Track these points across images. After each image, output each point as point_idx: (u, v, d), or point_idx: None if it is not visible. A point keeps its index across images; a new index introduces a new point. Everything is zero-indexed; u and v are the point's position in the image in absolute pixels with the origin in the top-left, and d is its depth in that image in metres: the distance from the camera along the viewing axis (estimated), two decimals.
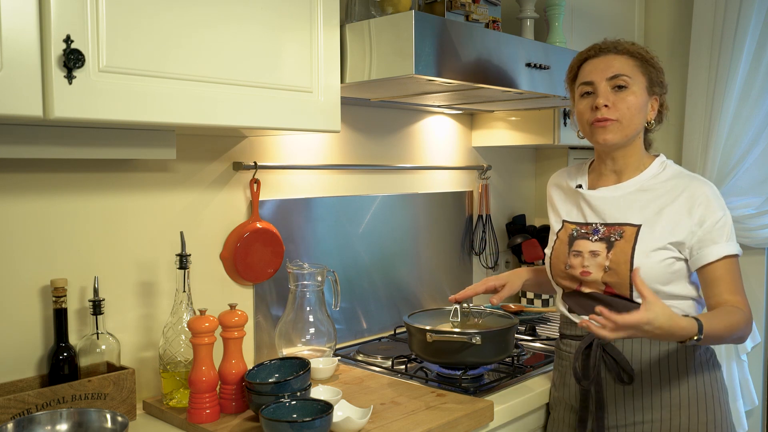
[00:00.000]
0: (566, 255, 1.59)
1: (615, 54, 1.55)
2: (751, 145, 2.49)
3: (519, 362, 1.81)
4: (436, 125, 2.39)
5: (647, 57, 1.56)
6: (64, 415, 1.26)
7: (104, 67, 1.15)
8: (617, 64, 1.53)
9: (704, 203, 1.48)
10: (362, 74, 1.60)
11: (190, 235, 1.66)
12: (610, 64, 1.53)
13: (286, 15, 1.44)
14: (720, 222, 1.47)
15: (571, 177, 1.69)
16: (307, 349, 1.78)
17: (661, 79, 1.57)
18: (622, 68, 1.52)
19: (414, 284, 2.30)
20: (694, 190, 1.50)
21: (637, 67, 1.53)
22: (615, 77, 1.51)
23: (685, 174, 1.56)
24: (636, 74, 1.53)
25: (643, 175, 1.56)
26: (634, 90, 1.52)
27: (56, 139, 1.28)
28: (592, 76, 1.54)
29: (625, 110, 1.51)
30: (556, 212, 1.69)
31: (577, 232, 1.60)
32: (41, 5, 1.08)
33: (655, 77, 1.55)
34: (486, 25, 1.86)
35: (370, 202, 2.14)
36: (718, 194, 1.52)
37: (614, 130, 1.51)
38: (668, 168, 1.58)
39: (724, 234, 1.47)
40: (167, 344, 1.49)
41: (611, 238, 1.53)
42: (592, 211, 1.59)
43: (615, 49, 1.55)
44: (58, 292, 1.41)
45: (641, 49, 1.56)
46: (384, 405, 1.51)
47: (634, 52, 1.55)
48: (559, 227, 1.65)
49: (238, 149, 1.79)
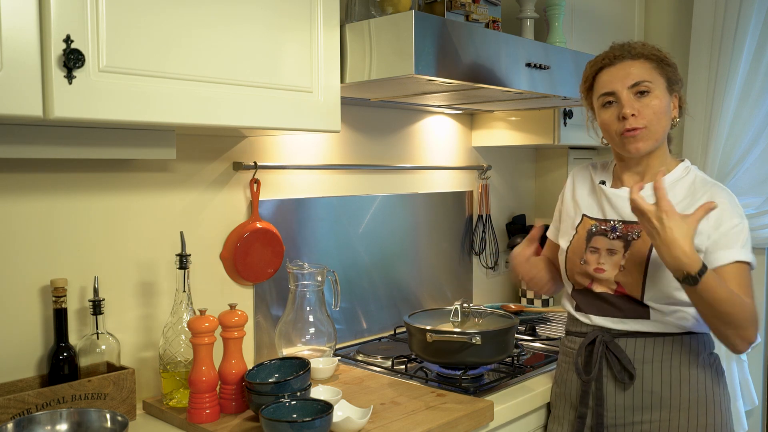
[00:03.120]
0: (583, 251, 1.58)
1: (631, 60, 1.51)
2: (751, 145, 2.49)
3: (519, 362, 1.81)
4: (436, 125, 2.39)
5: (662, 56, 1.53)
6: (64, 415, 1.26)
7: (104, 67, 1.15)
8: (636, 71, 1.50)
9: (722, 208, 1.45)
10: (362, 74, 1.60)
11: (190, 235, 1.66)
12: (628, 71, 1.50)
13: (286, 15, 1.44)
14: (736, 228, 1.45)
15: (596, 172, 1.68)
16: (307, 349, 1.78)
17: (678, 76, 1.55)
18: (642, 74, 1.49)
19: (414, 284, 2.30)
20: (713, 195, 1.48)
21: (655, 70, 1.51)
22: (636, 84, 1.49)
23: (708, 181, 1.54)
24: (655, 77, 1.50)
25: (666, 178, 1.49)
26: (657, 94, 1.49)
27: (56, 139, 1.28)
28: (612, 85, 1.51)
29: (652, 116, 1.49)
30: (576, 204, 1.67)
31: (596, 228, 1.59)
32: (41, 5, 1.08)
33: (672, 75, 1.53)
34: (486, 25, 1.86)
35: (370, 202, 2.14)
36: (737, 202, 1.50)
37: (644, 137, 1.49)
38: (691, 173, 1.56)
39: (739, 240, 1.44)
40: (167, 344, 1.49)
41: (629, 237, 1.52)
42: (611, 208, 1.58)
43: (630, 54, 1.52)
44: (58, 292, 1.41)
45: (654, 50, 1.54)
46: (384, 405, 1.51)
47: (648, 54, 1.52)
48: (579, 221, 1.64)
49: (238, 149, 1.79)
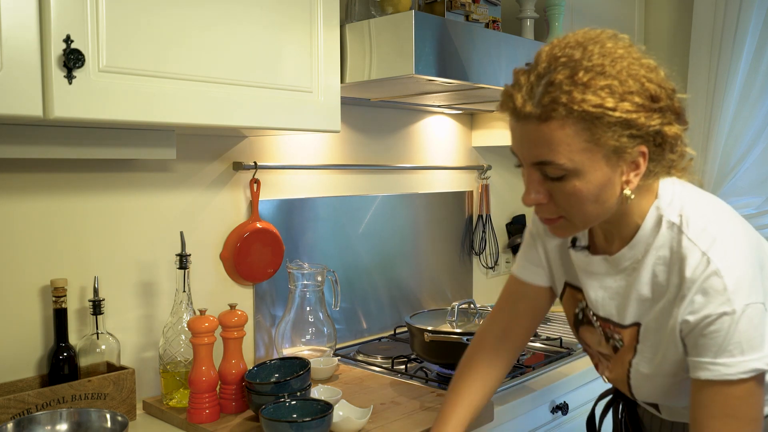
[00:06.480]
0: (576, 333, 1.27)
1: (537, 123, 0.95)
2: (751, 145, 2.50)
3: (519, 362, 1.80)
4: (436, 125, 2.39)
5: (604, 104, 0.91)
6: (64, 415, 1.26)
7: (104, 67, 1.15)
8: (540, 144, 0.96)
9: None
10: (362, 74, 1.60)
11: (190, 235, 1.66)
12: (527, 138, 0.97)
13: (286, 15, 1.44)
14: None
15: None
16: (307, 349, 1.78)
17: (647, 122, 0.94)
18: (551, 150, 0.95)
19: (414, 284, 2.30)
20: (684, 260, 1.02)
21: (582, 134, 0.93)
22: (541, 164, 0.97)
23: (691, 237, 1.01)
24: (576, 151, 0.94)
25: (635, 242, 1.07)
26: (581, 174, 0.96)
27: (56, 139, 1.28)
28: (516, 148, 1.02)
29: (567, 205, 1.00)
30: (548, 259, 1.26)
31: (582, 314, 1.22)
32: (41, 5, 1.08)
33: (621, 129, 0.93)
34: (486, 25, 1.86)
35: (370, 202, 2.14)
36: None
37: (564, 227, 1.05)
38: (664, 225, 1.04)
39: None
40: (167, 344, 1.49)
41: (611, 342, 1.17)
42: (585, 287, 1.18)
43: (538, 106, 0.94)
44: (58, 292, 1.41)
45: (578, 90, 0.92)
46: (384, 405, 1.51)
47: (571, 108, 0.91)
48: (561, 289, 1.25)
49: (238, 149, 1.79)
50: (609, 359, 1.18)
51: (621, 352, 1.14)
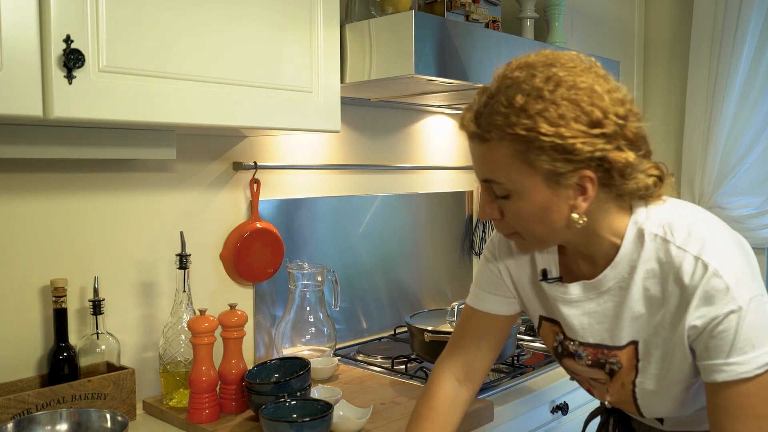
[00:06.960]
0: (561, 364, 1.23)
1: (480, 143, 1.00)
2: (751, 145, 2.50)
3: (519, 362, 1.80)
4: (436, 125, 2.39)
5: (529, 127, 0.93)
6: (64, 415, 1.26)
7: (104, 67, 1.15)
8: (486, 162, 1.00)
9: None
10: (362, 74, 1.60)
11: (190, 235, 1.66)
12: (474, 156, 1.03)
13: (286, 15, 1.44)
14: None
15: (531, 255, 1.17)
16: (307, 349, 1.78)
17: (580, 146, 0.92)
18: (493, 169, 0.99)
19: (414, 284, 2.30)
20: None
21: (513, 158, 0.96)
22: (487, 182, 1.02)
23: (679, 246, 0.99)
24: (514, 173, 0.97)
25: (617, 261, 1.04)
26: (520, 194, 0.99)
27: (56, 139, 1.28)
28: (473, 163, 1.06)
29: (515, 224, 1.03)
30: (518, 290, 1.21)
31: (561, 347, 1.17)
32: (41, 5, 1.08)
33: (556, 153, 0.93)
34: (486, 25, 1.86)
35: (370, 202, 2.14)
36: None
37: (521, 243, 1.07)
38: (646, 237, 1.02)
39: None
40: (167, 344, 1.49)
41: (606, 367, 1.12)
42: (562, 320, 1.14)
43: (474, 121, 1.00)
44: (58, 292, 1.41)
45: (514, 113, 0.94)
46: (384, 405, 1.51)
47: (494, 129, 0.96)
48: (537, 323, 1.21)
49: (238, 149, 1.79)
50: (604, 383, 1.15)
51: (620, 374, 1.11)
